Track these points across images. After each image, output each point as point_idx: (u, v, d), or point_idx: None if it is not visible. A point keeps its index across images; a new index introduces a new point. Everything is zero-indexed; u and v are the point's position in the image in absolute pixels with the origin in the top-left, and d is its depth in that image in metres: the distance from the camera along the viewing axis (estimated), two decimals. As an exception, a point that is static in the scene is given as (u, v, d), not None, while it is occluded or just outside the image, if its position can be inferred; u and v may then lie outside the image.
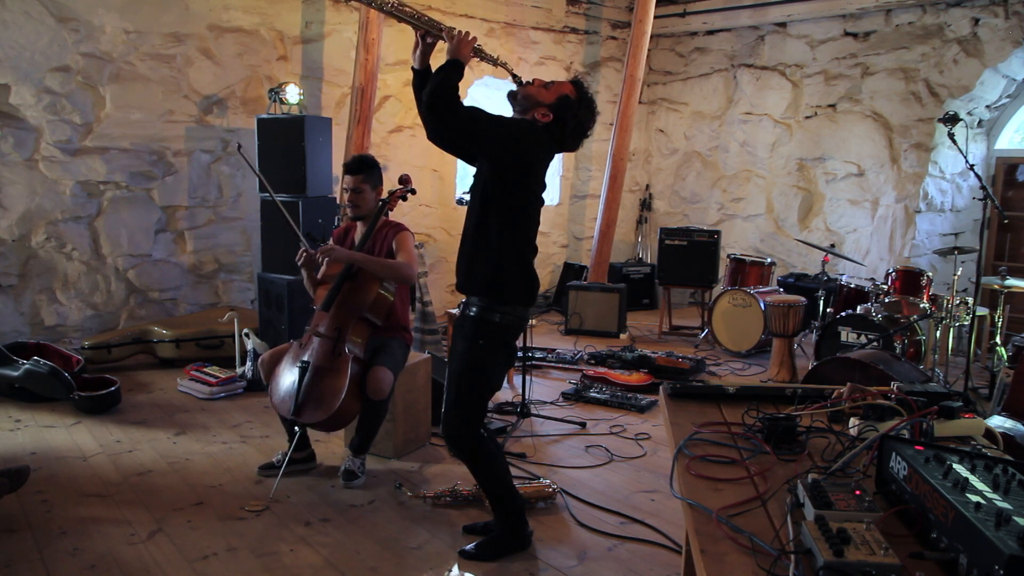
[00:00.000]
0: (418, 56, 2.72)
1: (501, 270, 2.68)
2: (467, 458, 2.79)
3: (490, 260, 2.67)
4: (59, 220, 5.17)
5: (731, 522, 1.26)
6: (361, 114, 5.78)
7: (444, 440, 2.93)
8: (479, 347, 2.71)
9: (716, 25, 7.84)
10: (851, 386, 1.79)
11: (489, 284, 2.69)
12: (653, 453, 3.92)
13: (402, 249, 3.49)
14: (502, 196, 2.65)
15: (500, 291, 2.69)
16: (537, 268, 2.81)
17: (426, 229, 7.03)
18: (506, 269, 2.68)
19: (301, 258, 3.44)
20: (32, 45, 4.92)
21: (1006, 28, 5.93)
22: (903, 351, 4.68)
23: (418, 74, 2.74)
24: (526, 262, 2.74)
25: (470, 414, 2.75)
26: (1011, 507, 1.09)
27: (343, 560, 2.77)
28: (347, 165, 3.57)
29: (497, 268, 2.67)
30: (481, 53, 2.70)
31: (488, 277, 2.68)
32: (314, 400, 3.23)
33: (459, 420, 2.74)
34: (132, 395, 4.64)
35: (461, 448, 2.77)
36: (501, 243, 2.67)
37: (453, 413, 2.75)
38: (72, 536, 2.88)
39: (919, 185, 6.45)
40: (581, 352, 5.86)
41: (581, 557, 2.84)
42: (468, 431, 2.75)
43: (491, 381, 2.77)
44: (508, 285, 2.70)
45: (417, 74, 2.75)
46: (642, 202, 8.79)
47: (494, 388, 2.81)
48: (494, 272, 2.68)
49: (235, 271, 6.03)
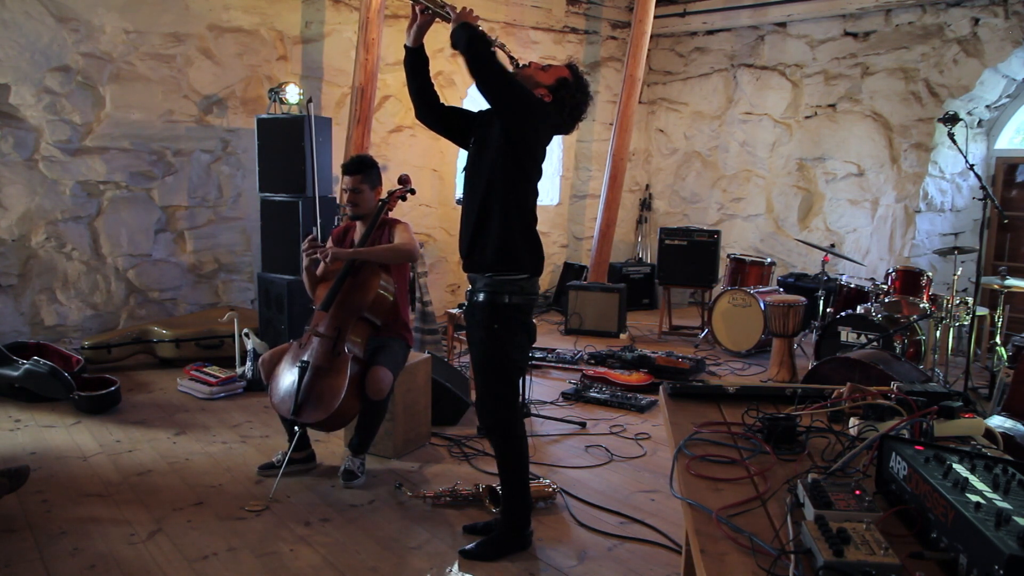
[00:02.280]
0: (413, 32, 2.72)
1: (509, 240, 2.67)
2: (505, 445, 2.78)
3: (497, 231, 2.66)
4: (59, 220, 5.17)
5: (731, 522, 1.26)
6: (361, 114, 5.78)
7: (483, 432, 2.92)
8: (495, 332, 2.70)
9: (716, 25, 7.84)
10: (851, 386, 1.79)
11: (497, 255, 2.67)
12: (653, 453, 3.92)
13: (400, 235, 3.51)
14: (510, 164, 2.65)
15: (509, 261, 2.67)
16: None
17: (426, 229, 7.03)
18: (514, 238, 2.68)
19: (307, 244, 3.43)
20: (32, 45, 4.92)
21: (1006, 28, 5.93)
22: (903, 351, 4.68)
23: (411, 52, 2.74)
24: (532, 231, 2.74)
25: (504, 398, 2.76)
26: (1011, 507, 1.09)
27: (343, 560, 2.77)
28: (346, 166, 3.57)
29: (505, 238, 2.66)
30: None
31: (496, 248, 2.66)
32: (314, 400, 3.23)
33: (494, 404, 2.75)
34: (132, 395, 4.64)
35: (501, 436, 2.77)
36: (508, 213, 2.66)
37: (487, 401, 2.76)
38: (72, 536, 2.88)
39: (919, 185, 6.45)
40: (581, 352, 5.86)
41: (581, 557, 2.84)
42: (508, 417, 2.76)
43: (516, 363, 2.77)
44: (515, 253, 2.68)
45: (410, 52, 2.74)
46: (642, 202, 8.79)
47: (521, 369, 2.81)
48: (502, 243, 2.66)
49: (235, 271, 6.03)
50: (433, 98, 2.81)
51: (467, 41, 2.54)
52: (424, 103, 2.80)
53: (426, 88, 2.79)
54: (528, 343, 2.82)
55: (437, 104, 2.82)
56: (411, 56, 2.75)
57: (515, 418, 2.78)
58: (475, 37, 2.54)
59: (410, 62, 2.76)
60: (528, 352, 2.87)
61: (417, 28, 2.71)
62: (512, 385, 2.79)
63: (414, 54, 2.74)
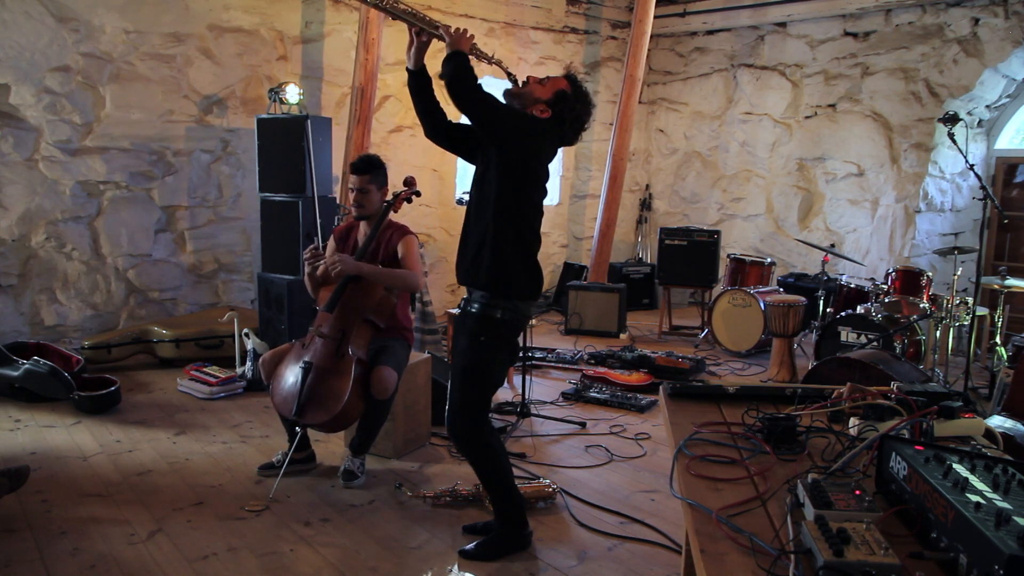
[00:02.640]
0: (413, 55, 2.72)
1: (506, 264, 2.67)
2: (471, 455, 2.80)
3: (495, 254, 2.67)
4: (59, 220, 5.17)
5: (731, 522, 1.26)
6: (361, 114, 5.79)
7: (449, 438, 2.93)
8: (481, 344, 2.71)
9: (716, 25, 7.84)
10: (851, 386, 1.79)
11: (494, 278, 2.68)
12: (653, 453, 3.92)
13: (408, 255, 3.50)
14: (510, 188, 2.65)
15: (505, 285, 2.69)
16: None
17: (426, 229, 7.03)
18: (511, 263, 2.68)
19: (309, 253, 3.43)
20: (32, 45, 4.92)
21: (1006, 28, 5.93)
22: (903, 351, 4.68)
23: (413, 75, 2.75)
24: (530, 255, 2.74)
25: (474, 411, 2.75)
26: (1011, 507, 1.09)
27: (343, 560, 2.77)
28: (354, 165, 3.56)
29: (502, 262, 2.67)
30: (477, 51, 2.70)
31: (493, 271, 2.67)
32: (316, 401, 3.23)
33: (463, 417, 2.75)
34: (132, 395, 4.64)
35: (466, 445, 2.78)
36: (506, 236, 2.67)
37: (457, 410, 2.75)
38: (72, 536, 2.88)
39: (919, 185, 6.45)
40: (581, 352, 5.86)
41: (581, 557, 2.84)
42: (473, 428, 2.75)
43: (493, 378, 2.77)
44: (513, 279, 2.69)
45: (412, 75, 2.75)
46: (642, 202, 8.79)
47: (496, 385, 2.81)
48: (499, 266, 2.67)
49: (235, 271, 6.03)
50: (440, 116, 2.80)
51: (449, 77, 2.55)
52: (431, 122, 2.80)
53: (432, 107, 2.78)
54: (509, 361, 2.84)
55: (444, 122, 2.81)
56: (413, 78, 2.75)
57: (480, 428, 2.77)
58: (456, 73, 2.54)
59: (413, 84, 2.75)
60: (506, 371, 2.87)
61: (416, 50, 2.71)
62: (484, 398, 2.79)
63: (416, 76, 2.74)
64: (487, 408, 2.83)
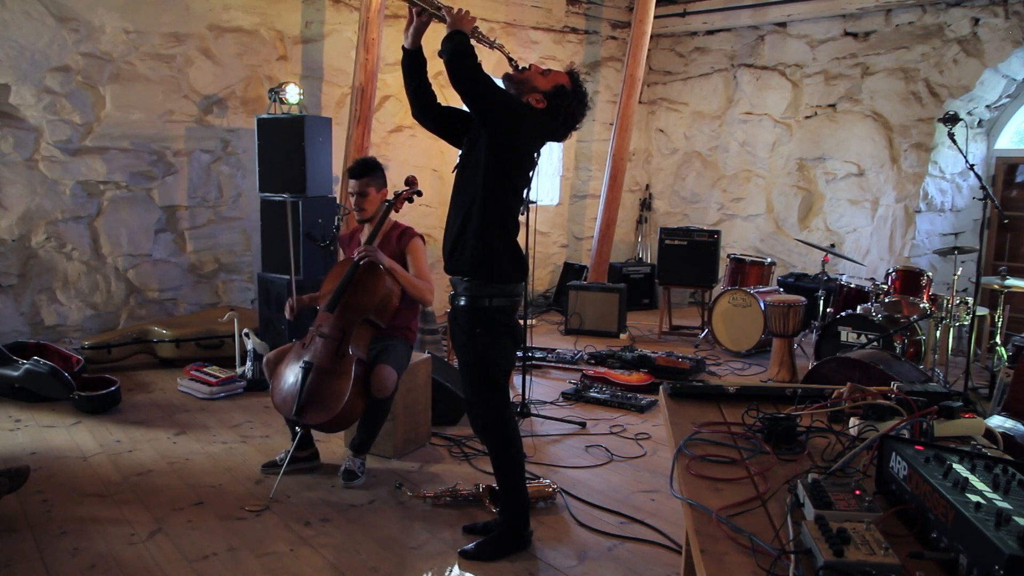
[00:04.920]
0: (411, 34, 2.72)
1: (489, 247, 2.68)
2: (494, 444, 2.80)
3: (477, 238, 2.67)
4: (59, 220, 5.17)
5: (731, 522, 1.26)
6: (361, 114, 5.78)
7: (474, 432, 2.93)
8: (478, 336, 2.72)
9: (716, 25, 7.84)
10: (851, 386, 1.79)
11: (478, 263, 2.68)
12: (653, 453, 3.92)
13: (415, 264, 3.52)
14: (495, 173, 2.66)
15: (489, 270, 2.69)
16: (537, 268, 2.81)
17: (426, 229, 7.02)
18: (494, 246, 2.68)
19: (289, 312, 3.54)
20: (32, 45, 4.92)
21: (1006, 28, 5.93)
22: (903, 351, 4.68)
23: (408, 54, 2.75)
24: (511, 239, 2.74)
25: (491, 400, 2.76)
26: (1011, 507, 1.09)
27: (343, 560, 2.77)
28: (351, 170, 3.58)
29: (485, 245, 2.67)
30: (478, 34, 2.69)
31: (476, 256, 2.67)
32: (316, 402, 3.23)
33: (480, 407, 2.77)
34: (132, 395, 4.64)
35: (490, 434, 2.79)
36: (491, 223, 2.67)
37: (474, 404, 2.78)
38: (72, 536, 2.88)
39: (919, 185, 6.45)
40: (581, 352, 5.86)
41: (581, 557, 2.84)
42: (494, 415, 2.76)
43: (500, 365, 2.78)
44: (496, 263, 2.69)
45: (407, 54, 2.75)
46: (642, 202, 8.79)
47: (506, 371, 2.82)
48: (483, 250, 2.67)
49: (235, 271, 6.03)
50: (430, 98, 2.81)
51: (450, 52, 2.55)
52: (420, 103, 2.80)
53: (423, 89, 2.79)
54: (514, 346, 2.83)
55: (433, 104, 2.82)
56: (408, 58, 2.75)
57: (503, 419, 2.78)
58: (458, 49, 2.55)
59: (407, 63, 2.76)
60: (514, 354, 2.87)
61: (414, 30, 2.71)
62: (497, 387, 2.79)
63: (411, 55, 2.75)
64: (502, 393, 2.81)
